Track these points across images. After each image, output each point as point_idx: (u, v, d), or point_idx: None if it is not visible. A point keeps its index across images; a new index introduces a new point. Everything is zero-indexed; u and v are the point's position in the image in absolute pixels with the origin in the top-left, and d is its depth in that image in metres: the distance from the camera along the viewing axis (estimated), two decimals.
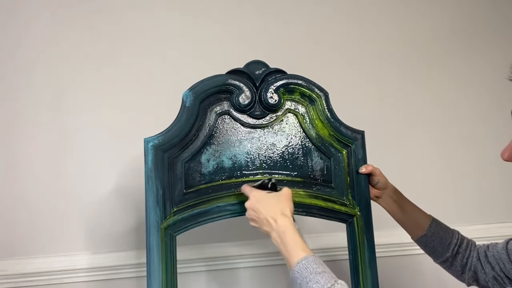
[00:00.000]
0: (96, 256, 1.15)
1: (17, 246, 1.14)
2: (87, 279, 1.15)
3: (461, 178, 1.37)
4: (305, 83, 0.91)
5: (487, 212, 1.37)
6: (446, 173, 1.37)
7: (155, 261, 0.82)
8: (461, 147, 1.38)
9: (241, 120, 0.90)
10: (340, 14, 1.35)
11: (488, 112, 1.40)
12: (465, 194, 1.37)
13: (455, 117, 1.38)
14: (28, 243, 1.14)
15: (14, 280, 1.11)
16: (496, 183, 1.39)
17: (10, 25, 1.17)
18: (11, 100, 1.16)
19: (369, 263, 0.89)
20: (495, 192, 1.39)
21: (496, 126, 1.37)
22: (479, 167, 1.38)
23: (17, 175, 1.15)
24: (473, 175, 1.38)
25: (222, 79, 0.88)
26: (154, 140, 0.85)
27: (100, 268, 1.15)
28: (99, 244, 1.17)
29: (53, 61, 1.18)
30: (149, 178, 0.84)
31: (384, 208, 0.96)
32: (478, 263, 0.87)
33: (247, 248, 1.21)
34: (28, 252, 1.14)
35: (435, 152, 1.36)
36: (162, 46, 1.24)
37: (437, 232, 0.92)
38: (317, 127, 0.92)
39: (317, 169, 0.92)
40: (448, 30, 1.41)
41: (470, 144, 1.38)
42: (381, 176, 0.92)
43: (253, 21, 1.29)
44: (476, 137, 1.39)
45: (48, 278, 1.13)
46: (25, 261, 1.13)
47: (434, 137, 1.37)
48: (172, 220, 0.84)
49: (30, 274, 1.12)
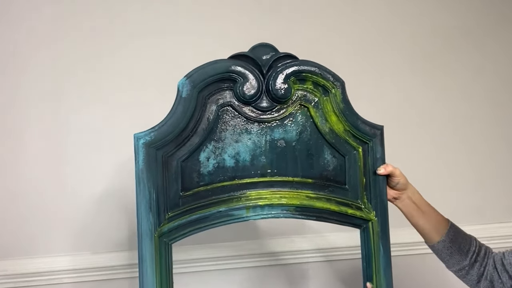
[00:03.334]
0: (96, 256, 1.14)
1: (17, 246, 1.13)
2: (87, 279, 1.13)
3: (461, 178, 1.35)
4: (319, 71, 0.79)
5: (487, 212, 1.36)
6: (446, 172, 1.34)
7: (149, 273, 0.73)
8: (461, 147, 1.35)
9: (245, 113, 0.78)
10: None
11: (488, 112, 1.37)
12: (465, 194, 1.35)
13: (455, 117, 1.35)
14: (28, 243, 1.13)
15: (14, 280, 1.10)
16: (496, 183, 1.37)
17: (7, 24, 1.13)
18: (10, 100, 1.13)
19: (384, 272, 0.81)
20: (495, 192, 1.37)
21: (496, 126, 1.36)
22: (479, 167, 1.36)
23: (16, 175, 1.12)
24: (473, 175, 1.35)
25: (224, 66, 0.76)
26: (145, 137, 0.73)
27: (100, 268, 1.13)
28: (99, 244, 1.15)
29: (52, 61, 1.14)
30: (140, 180, 0.73)
31: (401, 209, 0.87)
32: (495, 272, 0.81)
33: (244, 248, 1.17)
34: (28, 252, 1.13)
35: (434, 152, 1.33)
36: (159, 41, 1.18)
37: (456, 238, 0.85)
38: (331, 121, 0.81)
39: (329, 168, 0.82)
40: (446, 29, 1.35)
41: (470, 144, 1.36)
42: (401, 176, 0.83)
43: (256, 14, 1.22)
44: (476, 137, 1.36)
45: (48, 278, 1.12)
46: (25, 261, 1.12)
47: (434, 136, 1.33)
48: (167, 227, 0.74)
49: (30, 274, 1.11)
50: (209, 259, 1.15)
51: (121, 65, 1.17)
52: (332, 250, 1.20)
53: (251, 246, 1.19)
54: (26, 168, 1.12)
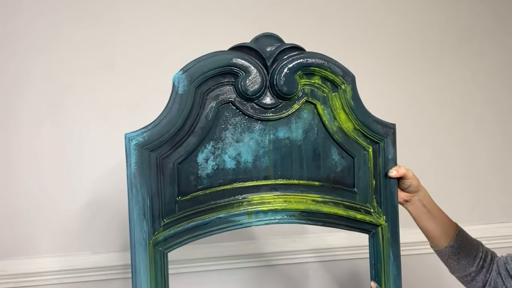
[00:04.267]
0: (96, 256, 1.13)
1: (17, 246, 1.12)
2: (87, 279, 1.13)
3: (460, 178, 1.34)
4: (328, 64, 0.72)
5: (487, 212, 1.35)
6: (446, 173, 1.32)
7: (143, 284, 0.67)
8: (461, 147, 1.34)
9: (247, 110, 0.71)
10: None
11: (487, 113, 1.35)
12: (464, 194, 1.34)
13: (455, 117, 1.34)
14: (28, 243, 1.12)
15: (14, 280, 1.10)
16: (496, 183, 1.36)
17: (9, 25, 1.10)
18: (10, 101, 1.11)
19: (394, 281, 0.77)
20: (495, 192, 1.36)
21: (496, 126, 1.35)
22: (479, 167, 1.35)
23: (16, 175, 1.11)
24: (472, 175, 1.35)
25: (224, 58, 0.69)
26: (137, 137, 0.67)
27: (100, 268, 1.12)
28: (99, 244, 1.14)
29: (52, 61, 1.12)
30: (132, 185, 0.67)
31: (411, 213, 0.83)
32: (499, 277, 0.78)
33: (244, 248, 1.15)
34: (28, 252, 1.12)
35: (434, 152, 1.32)
36: (161, 42, 1.15)
37: (464, 243, 0.82)
38: (340, 120, 0.75)
39: (337, 170, 0.76)
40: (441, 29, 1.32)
41: (470, 144, 1.35)
42: (413, 179, 0.78)
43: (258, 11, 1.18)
44: (476, 137, 1.35)
45: (48, 278, 1.11)
46: (25, 261, 1.11)
47: (434, 137, 1.32)
48: (163, 236, 0.68)
49: (30, 274, 1.10)
50: (209, 259, 1.14)
51: (123, 66, 1.15)
52: (332, 250, 1.19)
53: (251, 246, 1.17)
54: (26, 168, 1.11)
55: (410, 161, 1.20)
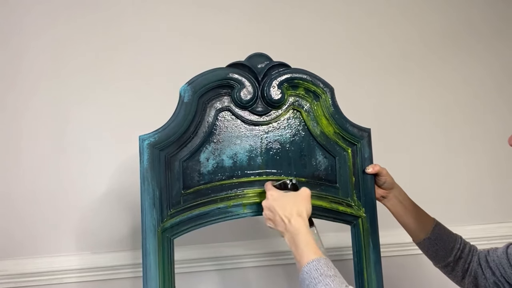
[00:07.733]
0: (96, 256, 1.14)
1: (17, 246, 1.13)
2: (88, 279, 1.13)
3: (460, 178, 1.36)
4: (310, 78, 0.86)
5: (486, 212, 1.36)
6: (445, 173, 1.35)
7: (152, 266, 0.77)
8: (461, 147, 1.37)
9: (242, 117, 0.85)
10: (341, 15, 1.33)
11: (487, 112, 1.38)
12: (464, 194, 1.36)
13: (455, 118, 1.37)
14: (29, 243, 1.13)
15: (14, 280, 1.11)
16: (496, 183, 1.37)
17: (11, 27, 1.15)
18: (11, 101, 1.14)
19: (375, 266, 0.86)
20: (494, 192, 1.37)
21: (495, 126, 1.37)
22: (478, 167, 1.37)
23: (17, 175, 1.13)
24: (472, 175, 1.37)
25: (222, 73, 0.83)
26: (150, 138, 0.79)
27: (100, 268, 1.13)
28: (99, 244, 1.15)
29: (54, 64, 1.16)
30: (144, 178, 0.79)
31: (389, 208, 0.92)
32: (479, 268, 0.85)
33: (244, 248, 1.18)
34: (28, 252, 1.13)
35: (434, 152, 1.35)
36: (161, 43, 1.21)
37: (441, 236, 0.90)
38: (322, 124, 0.87)
39: (321, 168, 0.88)
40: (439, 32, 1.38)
41: (469, 144, 1.37)
42: (388, 176, 0.89)
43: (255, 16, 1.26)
44: (476, 137, 1.37)
45: (48, 278, 1.12)
46: (25, 261, 1.12)
47: (433, 137, 1.35)
48: (170, 223, 0.79)
49: (30, 274, 1.11)
50: (209, 259, 1.16)
51: (124, 66, 1.19)
52: (333, 250, 1.20)
53: (251, 246, 1.19)
54: (27, 168, 1.13)
55: (410, 161, 1.30)
